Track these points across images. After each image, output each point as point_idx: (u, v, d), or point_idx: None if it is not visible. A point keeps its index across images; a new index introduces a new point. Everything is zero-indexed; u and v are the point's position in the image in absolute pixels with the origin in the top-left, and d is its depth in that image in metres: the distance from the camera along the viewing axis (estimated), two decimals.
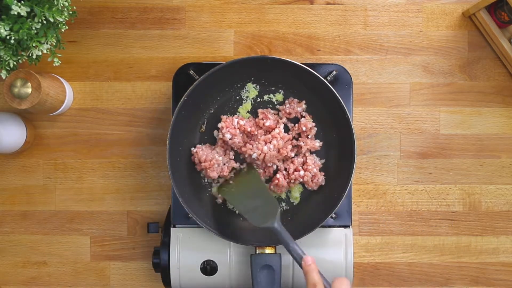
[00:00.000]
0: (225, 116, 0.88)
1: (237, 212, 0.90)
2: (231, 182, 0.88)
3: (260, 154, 0.86)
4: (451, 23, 0.99)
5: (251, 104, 0.90)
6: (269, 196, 0.85)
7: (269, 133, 0.88)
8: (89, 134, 0.98)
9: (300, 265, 0.75)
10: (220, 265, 0.87)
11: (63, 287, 0.99)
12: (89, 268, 0.99)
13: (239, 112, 0.90)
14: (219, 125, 0.87)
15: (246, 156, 0.88)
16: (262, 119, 0.88)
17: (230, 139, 0.87)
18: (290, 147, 0.88)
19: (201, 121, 0.90)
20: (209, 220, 0.86)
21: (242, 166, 0.90)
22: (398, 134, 0.99)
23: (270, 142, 0.87)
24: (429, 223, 0.99)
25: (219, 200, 0.89)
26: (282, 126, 0.89)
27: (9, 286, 0.99)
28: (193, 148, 0.88)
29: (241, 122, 0.87)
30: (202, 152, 0.87)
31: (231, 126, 0.87)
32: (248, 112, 0.90)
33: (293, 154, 0.89)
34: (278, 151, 0.87)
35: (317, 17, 0.99)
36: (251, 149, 0.87)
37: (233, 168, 0.89)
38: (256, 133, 0.88)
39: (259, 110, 0.89)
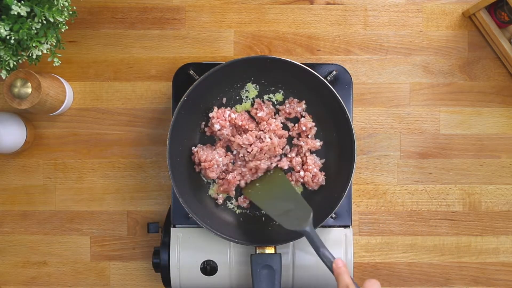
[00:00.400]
0: (216, 107, 0.88)
1: (237, 212, 0.90)
2: (257, 184, 0.88)
3: (251, 147, 0.86)
4: (451, 23, 0.99)
5: (251, 104, 0.90)
6: (301, 200, 0.84)
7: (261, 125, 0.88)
8: (89, 134, 0.98)
9: (330, 268, 0.75)
10: (220, 265, 0.87)
11: (63, 287, 0.99)
12: (89, 268, 0.99)
13: (236, 109, 0.90)
14: (210, 114, 0.87)
15: (236, 148, 0.88)
16: (256, 109, 0.88)
17: (219, 130, 0.87)
18: (284, 140, 0.88)
19: (201, 121, 0.90)
20: (209, 220, 0.86)
21: (269, 170, 0.89)
22: (398, 134, 0.99)
23: (264, 132, 0.87)
24: (429, 223, 0.99)
25: (220, 201, 0.89)
26: (279, 121, 0.89)
27: (9, 286, 0.99)
28: (193, 147, 0.88)
29: (233, 116, 0.87)
30: (202, 152, 0.87)
31: (222, 118, 0.87)
32: (247, 111, 0.90)
33: (294, 154, 0.89)
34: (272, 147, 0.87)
35: (317, 17, 0.99)
36: (239, 139, 0.87)
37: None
38: (247, 127, 0.88)
39: (256, 100, 0.89)
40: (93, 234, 0.99)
